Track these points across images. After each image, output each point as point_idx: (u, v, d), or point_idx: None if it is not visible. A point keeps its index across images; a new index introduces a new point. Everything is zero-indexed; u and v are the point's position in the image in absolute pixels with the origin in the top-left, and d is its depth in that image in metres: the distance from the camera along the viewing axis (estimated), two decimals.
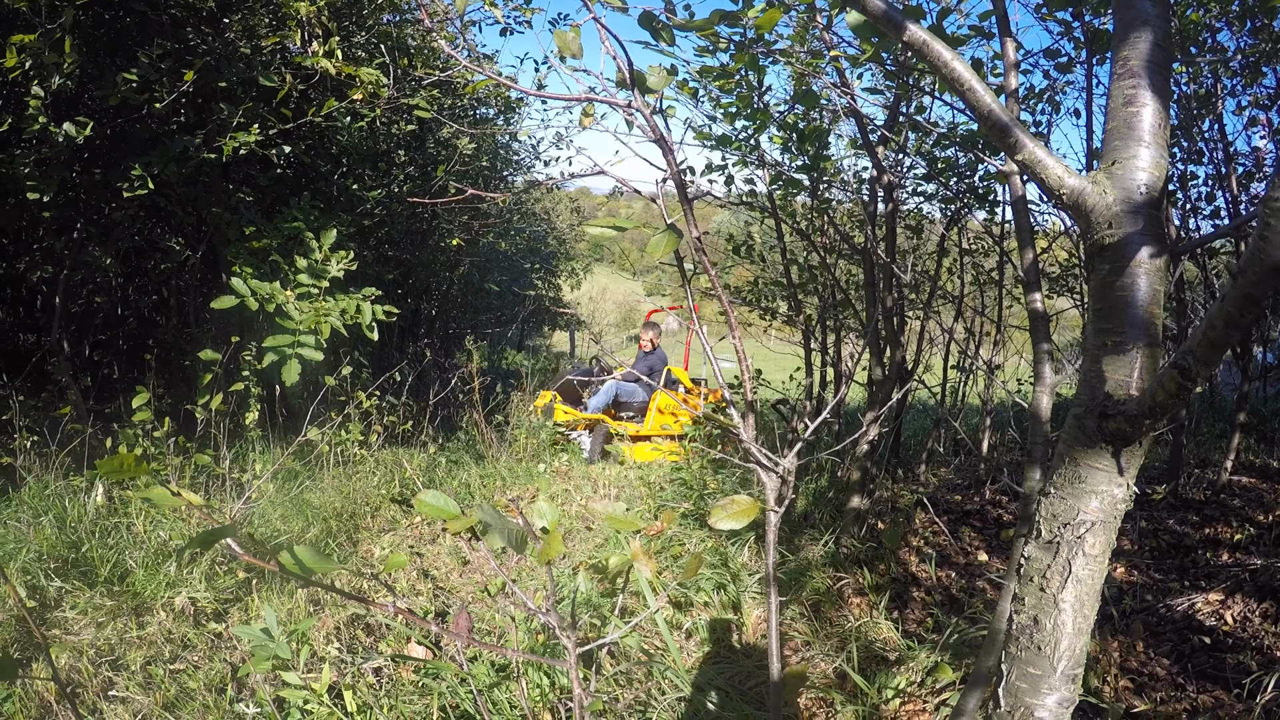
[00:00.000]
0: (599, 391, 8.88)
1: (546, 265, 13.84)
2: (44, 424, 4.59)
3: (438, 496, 1.22)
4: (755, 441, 1.51)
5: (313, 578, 1.10)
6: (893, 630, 3.29)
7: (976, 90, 1.29)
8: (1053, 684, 1.38)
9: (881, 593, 3.52)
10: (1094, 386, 1.41)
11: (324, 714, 2.43)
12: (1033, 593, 1.39)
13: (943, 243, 4.69)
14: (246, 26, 4.97)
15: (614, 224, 1.46)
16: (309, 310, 4.26)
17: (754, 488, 4.25)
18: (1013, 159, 1.32)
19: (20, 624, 3.23)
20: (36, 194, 4.42)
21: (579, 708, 1.33)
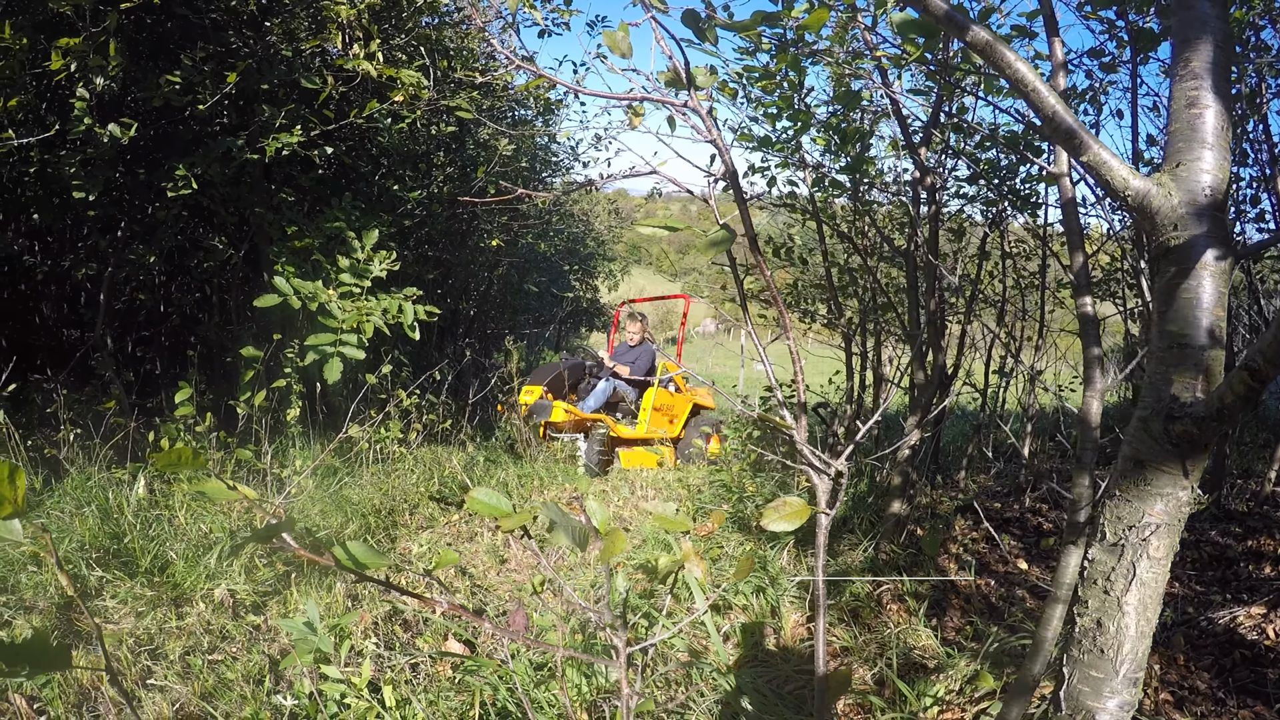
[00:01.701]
0: (593, 389, 8.07)
1: (585, 267, 13.81)
2: (87, 417, 4.68)
3: (489, 494, 1.22)
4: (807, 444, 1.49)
5: (365, 572, 1.09)
6: (931, 638, 3.24)
7: (1041, 92, 1.27)
8: (1114, 687, 1.37)
9: (921, 600, 3.47)
10: (1160, 389, 1.39)
11: (362, 708, 2.43)
12: (1096, 595, 1.39)
13: (984, 245, 4.63)
14: (286, 30, 5.02)
15: (665, 224, 1.45)
16: (351, 309, 4.29)
17: (793, 491, 4.22)
18: (1078, 160, 1.31)
19: (61, 612, 3.28)
20: (82, 193, 4.50)
21: (626, 708, 1.32)
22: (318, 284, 4.36)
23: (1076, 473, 2.26)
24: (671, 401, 8.16)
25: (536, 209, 8.74)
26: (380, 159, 6.21)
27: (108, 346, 5.33)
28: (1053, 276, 5.07)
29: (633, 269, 17.79)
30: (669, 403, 8.11)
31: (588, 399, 7.85)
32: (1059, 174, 2.40)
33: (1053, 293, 5.07)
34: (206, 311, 6.60)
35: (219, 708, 2.76)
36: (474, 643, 3.04)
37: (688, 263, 51.24)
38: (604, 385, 7.93)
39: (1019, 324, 5.03)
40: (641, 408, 7.98)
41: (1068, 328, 5.12)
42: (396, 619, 3.25)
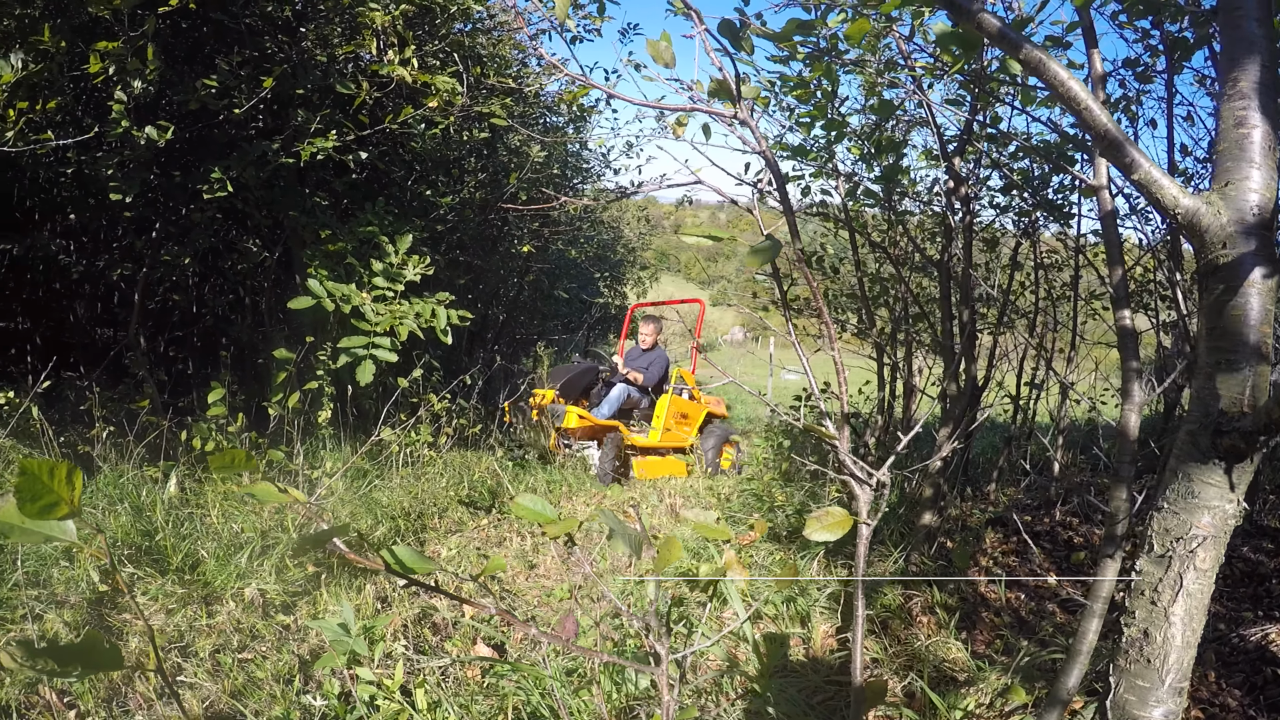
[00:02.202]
0: (607, 395, 7.62)
1: (614, 273, 13.79)
2: (120, 415, 4.74)
3: (535, 500, 1.23)
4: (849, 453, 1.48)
5: (413, 576, 1.10)
6: (962, 650, 3.22)
7: (1093, 110, 1.29)
8: (1160, 696, 1.39)
9: (951, 612, 3.44)
10: (1207, 403, 1.41)
11: (393, 710, 2.44)
12: (1143, 606, 1.41)
13: (1015, 255, 4.60)
14: (320, 35, 5.08)
15: (709, 233, 1.45)
16: (385, 312, 4.33)
17: (823, 501, 4.20)
18: (1129, 178, 1.32)
19: (91, 607, 3.32)
20: (119, 195, 4.56)
21: (667, 715, 1.31)
22: (351, 286, 4.40)
23: (1114, 486, 2.25)
24: (686, 410, 7.87)
25: (567, 215, 8.74)
26: (413, 164, 6.26)
27: (141, 346, 5.40)
28: (1084, 287, 5.02)
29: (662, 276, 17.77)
30: (684, 411, 7.82)
31: (601, 405, 7.47)
32: (1098, 187, 2.38)
33: (1085, 303, 5.01)
34: (239, 313, 6.68)
35: (249, 706, 2.78)
36: (503, 647, 3.05)
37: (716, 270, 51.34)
38: (618, 391, 7.56)
39: (1050, 335, 4.99)
40: (656, 415, 7.61)
41: (1102, 339, 5.07)
42: (425, 622, 3.26)
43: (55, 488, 0.93)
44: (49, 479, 0.92)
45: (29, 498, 0.93)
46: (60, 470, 0.92)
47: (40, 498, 0.93)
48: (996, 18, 1.34)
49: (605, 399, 7.49)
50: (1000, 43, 1.30)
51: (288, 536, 3.66)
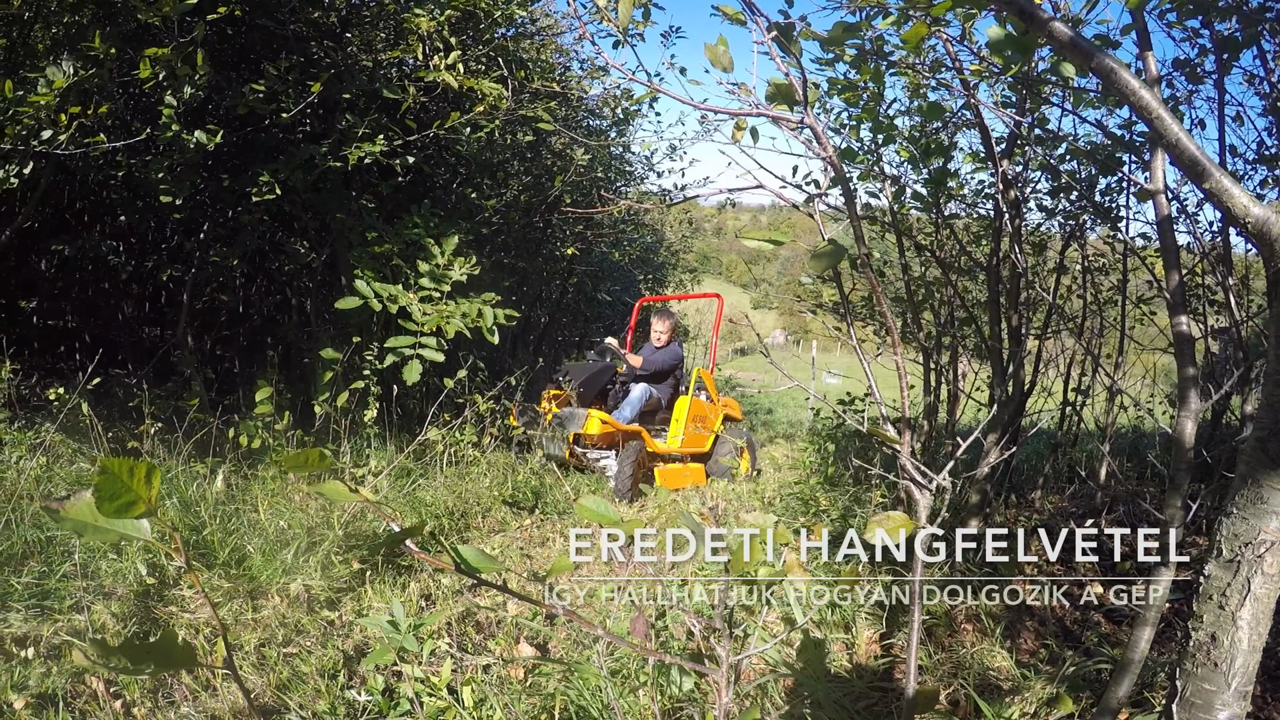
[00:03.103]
0: (627, 396, 6.83)
1: (657, 276, 13.73)
2: (168, 412, 4.84)
3: (598, 502, 1.24)
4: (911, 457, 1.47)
5: (480, 575, 1.11)
6: (1007, 659, 3.18)
7: (1165, 119, 1.28)
8: (1225, 700, 1.41)
9: (996, 620, 3.40)
10: (1277, 411, 1.40)
11: (440, 706, 2.46)
12: (1211, 610, 1.42)
13: (1062, 259, 4.53)
14: (365, 41, 5.15)
15: (770, 236, 1.44)
16: (431, 313, 4.37)
17: (867, 506, 4.17)
18: (1199, 187, 1.32)
19: (138, 599, 3.38)
20: (169, 197, 4.66)
21: (723, 716, 1.31)
22: (398, 287, 4.45)
23: (1169, 494, 2.21)
24: (705, 412, 7.22)
25: (610, 218, 8.71)
26: (457, 167, 6.32)
27: (188, 345, 5.51)
28: (1131, 291, 4.93)
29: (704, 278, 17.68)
30: (703, 414, 7.16)
31: (622, 408, 6.68)
32: (1155, 191, 2.34)
33: (1134, 307, 4.93)
34: (285, 313, 6.79)
35: (293, 700, 2.82)
36: (545, 646, 3.06)
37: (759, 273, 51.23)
38: (639, 392, 6.78)
39: (1097, 340, 4.90)
40: (675, 419, 6.92)
41: (1151, 344, 4.98)
42: (469, 620, 3.29)
43: (134, 486, 0.93)
44: (128, 478, 0.93)
45: (108, 496, 0.94)
46: (140, 469, 0.93)
47: (119, 496, 0.94)
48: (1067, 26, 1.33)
49: (625, 401, 6.75)
50: (1071, 52, 1.29)
51: (334, 534, 3.71)
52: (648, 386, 6.88)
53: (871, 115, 3.17)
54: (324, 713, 2.69)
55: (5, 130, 3.94)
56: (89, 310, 6.95)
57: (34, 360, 6.04)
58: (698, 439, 6.96)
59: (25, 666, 2.80)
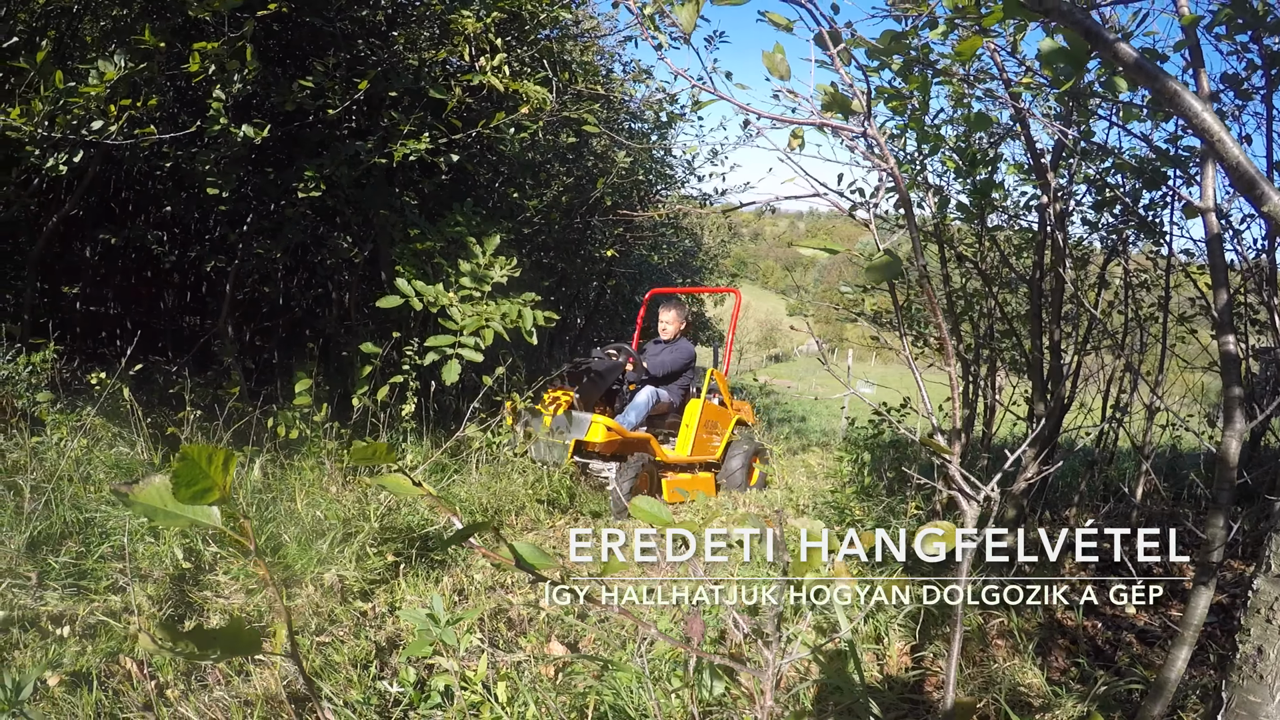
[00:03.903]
0: (633, 399, 6.19)
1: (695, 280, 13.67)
2: (206, 400, 4.91)
3: (652, 503, 1.25)
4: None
5: (538, 572, 1.12)
6: (1038, 675, 3.15)
7: (1225, 142, 1.29)
8: (1270, 712, 1.44)
9: (1028, 637, 3.37)
10: None
11: (473, 701, 2.48)
12: (1259, 624, 1.45)
13: (1103, 274, 4.48)
14: (410, 39, 5.21)
15: (825, 245, 1.45)
16: (471, 313, 4.40)
17: (901, 518, 4.15)
18: (1258, 210, 1.32)
19: (174, 583, 3.44)
20: (215, 189, 4.74)
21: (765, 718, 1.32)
22: (438, 287, 4.49)
23: (1211, 513, 2.20)
24: (717, 417, 6.71)
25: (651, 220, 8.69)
26: (499, 167, 6.37)
27: (229, 335, 5.60)
28: (1172, 308, 4.86)
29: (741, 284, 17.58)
30: (715, 418, 6.66)
31: (627, 412, 6.06)
32: (1205, 209, 2.32)
33: (1176, 324, 4.86)
34: (325, 307, 6.87)
35: (325, 688, 2.86)
36: (577, 645, 3.08)
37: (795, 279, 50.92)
38: (645, 395, 6.18)
39: (1136, 357, 4.83)
40: (685, 424, 6.42)
41: (1194, 362, 4.90)
42: (500, 617, 3.31)
43: (211, 473, 0.95)
44: (206, 465, 0.95)
45: (185, 482, 0.96)
46: (218, 457, 0.95)
47: (196, 483, 0.96)
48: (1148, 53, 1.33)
49: (630, 404, 6.14)
50: (1136, 73, 1.30)
51: (369, 526, 3.75)
52: (655, 389, 6.30)
53: (918, 125, 3.16)
54: (356, 702, 2.73)
55: (56, 120, 4.03)
56: (131, 298, 7.09)
57: (76, 345, 6.16)
58: (709, 446, 6.56)
59: (61, 644, 2.86)
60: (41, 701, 2.56)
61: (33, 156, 4.13)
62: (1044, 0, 1.45)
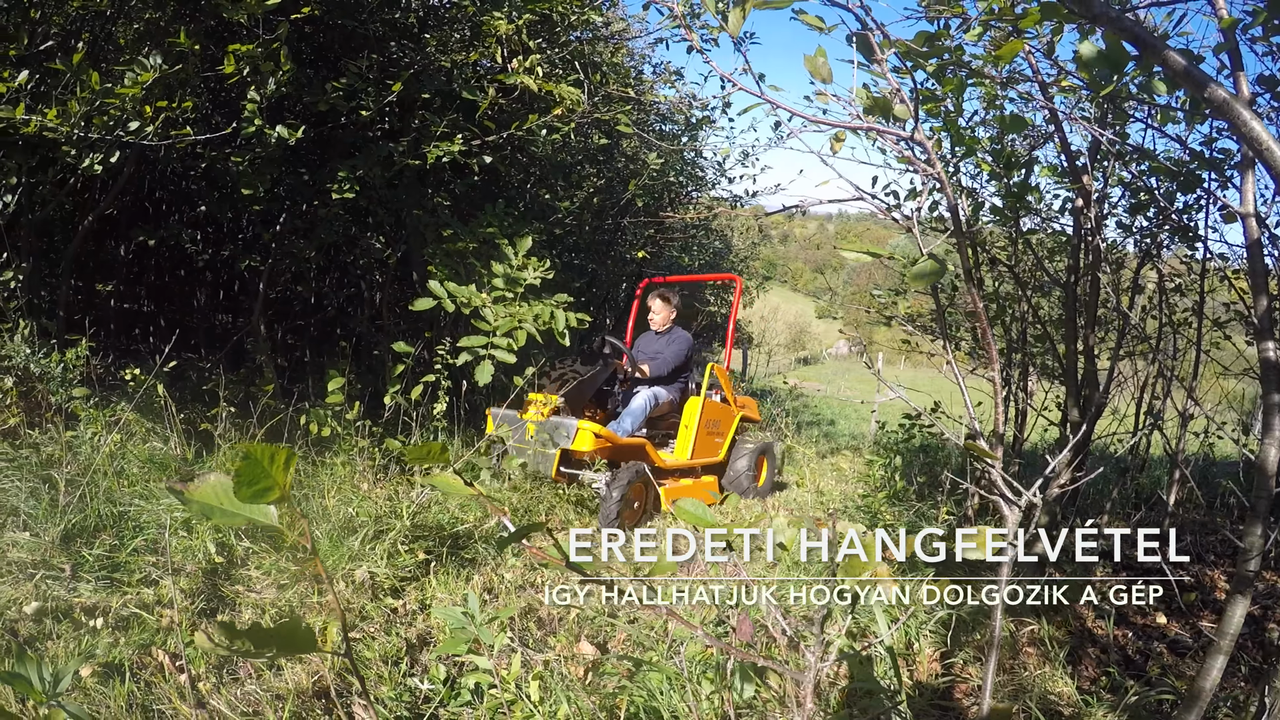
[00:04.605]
0: (630, 402, 5.69)
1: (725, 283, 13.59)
2: (239, 398, 4.97)
3: (697, 505, 1.25)
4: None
5: (586, 573, 1.13)
6: (1069, 684, 3.13)
7: (1275, 151, 1.28)
8: None
9: (1059, 645, 3.35)
10: None
11: (505, 699, 2.50)
12: None
13: (1137, 278, 4.43)
14: (442, 41, 5.25)
15: (869, 249, 1.45)
16: (504, 315, 4.43)
17: (932, 523, 4.13)
18: None
19: (206, 577, 3.48)
20: (250, 189, 4.80)
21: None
22: (471, 288, 4.52)
23: (1249, 521, 2.18)
24: (719, 415, 6.22)
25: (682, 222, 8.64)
26: (530, 168, 6.40)
27: (261, 333, 5.67)
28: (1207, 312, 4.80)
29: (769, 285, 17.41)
30: (717, 417, 6.17)
31: (623, 418, 5.56)
32: (1245, 214, 2.29)
33: (1209, 330, 4.79)
34: (357, 306, 6.94)
35: (355, 685, 2.88)
36: (606, 646, 3.09)
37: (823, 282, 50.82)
38: (642, 399, 5.67)
39: (1170, 363, 4.77)
40: (684, 424, 5.93)
41: (1230, 368, 4.82)
42: (530, 616, 3.33)
43: (273, 473, 0.97)
44: (269, 464, 0.96)
45: (247, 481, 0.97)
46: (280, 456, 0.96)
47: (257, 481, 0.98)
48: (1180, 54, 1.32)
49: (626, 408, 5.65)
50: (1185, 80, 1.30)
51: (400, 524, 3.78)
52: (653, 390, 5.80)
53: (953, 127, 3.14)
54: (386, 698, 2.75)
55: (93, 121, 4.09)
56: (164, 295, 7.19)
57: (110, 342, 6.26)
58: (711, 446, 6.09)
59: (94, 636, 2.90)
60: (74, 692, 2.60)
61: (69, 156, 4.19)
62: (1091, 6, 1.44)
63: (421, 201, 5.33)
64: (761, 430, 7.04)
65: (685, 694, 2.42)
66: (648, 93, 6.25)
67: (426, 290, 4.47)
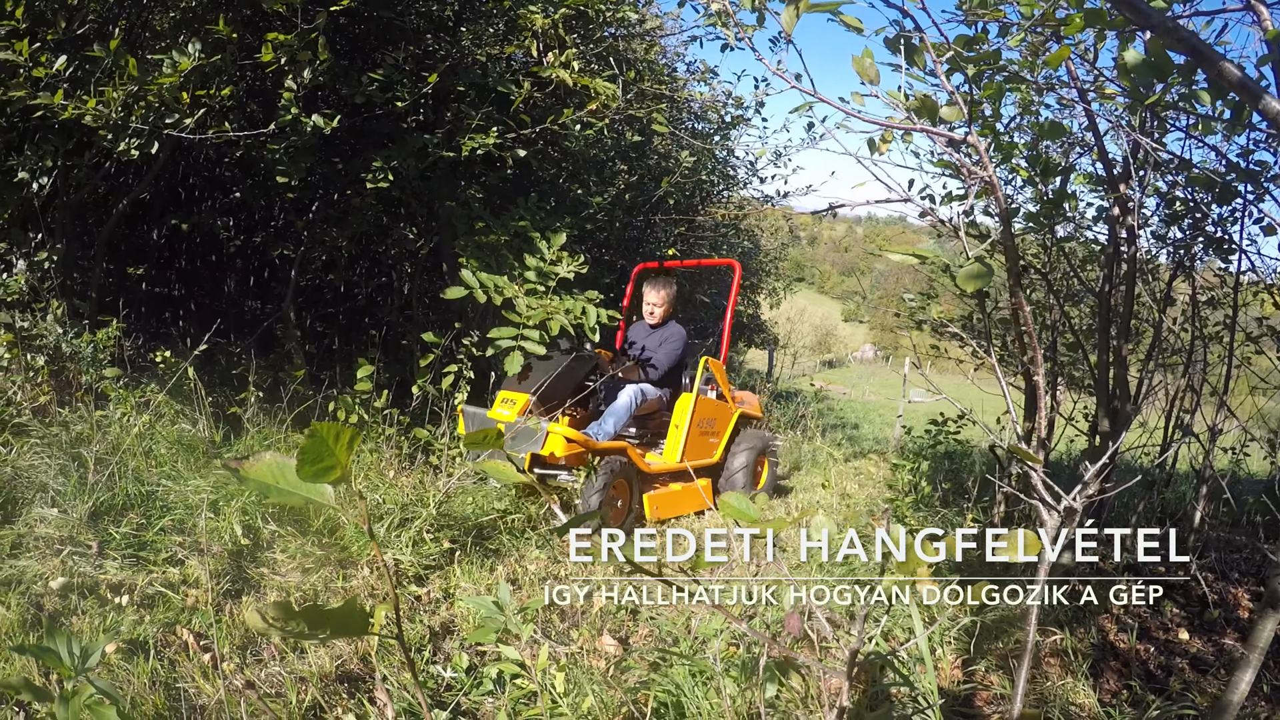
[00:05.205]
0: (614, 401, 5.23)
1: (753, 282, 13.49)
2: (268, 383, 5.02)
3: (740, 499, 1.26)
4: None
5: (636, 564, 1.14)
6: (1090, 696, 3.12)
7: None
8: None
9: (1081, 657, 3.33)
10: None
11: (531, 690, 2.52)
12: None
13: (1169, 289, 4.39)
14: (477, 35, 5.28)
15: (914, 251, 1.45)
16: (537, 307, 4.45)
17: (960, 528, 4.11)
18: None
19: (232, 558, 3.51)
20: (285, 178, 4.84)
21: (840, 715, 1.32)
22: (504, 279, 4.54)
23: None
24: (714, 413, 5.71)
25: (713, 221, 8.60)
26: (562, 163, 6.43)
27: (291, 320, 5.72)
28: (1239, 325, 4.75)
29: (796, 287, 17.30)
30: (712, 415, 5.67)
31: (604, 418, 5.11)
32: None
33: (1240, 343, 4.74)
34: (386, 296, 6.99)
35: (378, 669, 2.91)
36: (627, 640, 3.10)
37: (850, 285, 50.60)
38: (627, 397, 5.20)
39: (1200, 377, 4.73)
40: (674, 424, 5.45)
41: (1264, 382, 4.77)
42: (553, 608, 3.35)
43: (337, 452, 0.97)
44: (333, 442, 0.96)
45: (311, 459, 0.97)
46: (345, 435, 0.96)
47: (321, 459, 0.97)
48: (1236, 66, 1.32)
49: (609, 409, 5.19)
50: (1240, 91, 1.30)
51: (426, 512, 3.81)
52: (639, 387, 5.34)
53: (991, 132, 3.13)
54: (409, 684, 2.77)
55: (133, 109, 4.14)
56: (195, 281, 7.27)
57: (140, 324, 6.33)
58: (705, 447, 5.61)
59: (119, 613, 2.94)
60: (98, 668, 2.64)
61: (105, 140, 4.24)
62: (1149, 15, 1.44)
63: (454, 193, 5.36)
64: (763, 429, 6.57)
65: (709, 691, 2.43)
66: (681, 90, 6.26)
67: (458, 281, 4.50)
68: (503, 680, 2.71)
